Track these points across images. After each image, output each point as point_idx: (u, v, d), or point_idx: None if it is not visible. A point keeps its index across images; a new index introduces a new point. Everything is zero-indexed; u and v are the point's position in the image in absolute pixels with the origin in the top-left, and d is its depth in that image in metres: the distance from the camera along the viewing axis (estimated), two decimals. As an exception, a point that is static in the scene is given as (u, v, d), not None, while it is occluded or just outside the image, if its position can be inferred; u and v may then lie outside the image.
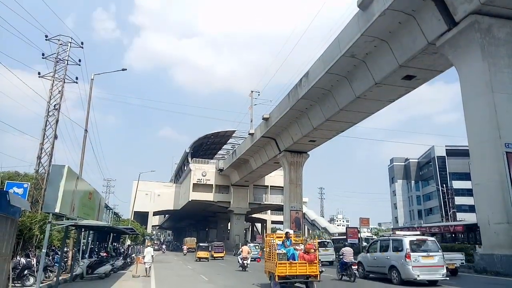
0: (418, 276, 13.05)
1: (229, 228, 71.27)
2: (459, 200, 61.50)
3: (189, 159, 64.87)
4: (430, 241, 14.79)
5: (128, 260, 25.36)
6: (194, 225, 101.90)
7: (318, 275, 11.54)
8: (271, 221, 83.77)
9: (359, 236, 36.68)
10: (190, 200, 60.84)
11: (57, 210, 11.06)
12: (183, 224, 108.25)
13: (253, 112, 48.37)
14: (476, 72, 18.24)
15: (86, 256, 18.25)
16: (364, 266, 16.21)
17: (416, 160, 79.50)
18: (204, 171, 62.90)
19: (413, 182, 78.92)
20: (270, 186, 66.07)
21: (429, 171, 74.02)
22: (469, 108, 18.79)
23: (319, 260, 12.24)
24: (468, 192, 56.84)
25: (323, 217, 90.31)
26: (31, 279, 11.85)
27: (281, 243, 12.49)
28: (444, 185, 61.72)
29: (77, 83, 22.32)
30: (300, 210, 42.31)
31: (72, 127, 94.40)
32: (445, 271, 13.53)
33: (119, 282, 14.77)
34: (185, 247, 51.39)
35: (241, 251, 20.97)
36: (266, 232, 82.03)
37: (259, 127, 42.89)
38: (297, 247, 12.18)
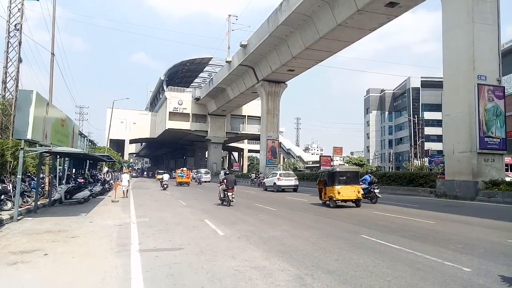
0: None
1: (206, 156, 72.57)
2: (428, 131, 64.10)
3: (165, 87, 63.26)
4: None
5: (107, 186, 25.72)
6: (172, 153, 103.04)
7: (189, 182, 37.73)
8: (248, 149, 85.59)
9: (331, 164, 38.24)
10: (166, 128, 60.65)
11: (28, 136, 10.76)
12: (160, 152, 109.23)
13: (230, 38, 46.50)
14: (459, 0, 17.83)
15: (64, 182, 18.34)
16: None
17: (392, 91, 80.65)
18: (180, 99, 61.89)
19: (386, 113, 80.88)
20: (247, 116, 66.26)
21: (403, 102, 75.66)
22: (448, 38, 18.68)
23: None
24: (437, 123, 59.17)
25: (298, 146, 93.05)
26: (9, 204, 11.90)
27: (180, 171, 37.24)
28: (416, 116, 63.69)
29: (38, 0, 20.34)
30: (276, 140, 43.15)
31: (37, 50, 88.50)
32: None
33: (98, 206, 15.11)
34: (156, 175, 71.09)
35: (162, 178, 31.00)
36: (243, 161, 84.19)
37: (237, 54, 41.59)
38: (185, 173, 37.02)
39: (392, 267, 5.39)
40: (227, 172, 19.00)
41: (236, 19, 47.20)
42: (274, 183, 26.67)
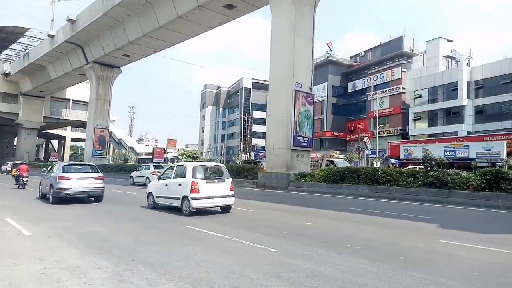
0: None
1: (15, 143, 61.21)
2: (256, 128, 70.74)
3: (-42, 54, 50.24)
4: None
5: None
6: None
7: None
8: (71, 138, 76.33)
9: (165, 156, 37.99)
10: (-41, 107, 48.36)
11: None
12: None
13: (54, 8, 40.48)
14: (285, 14, 20.30)
15: None
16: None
17: (227, 89, 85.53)
18: (-18, 72, 50.31)
19: (221, 109, 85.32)
20: (73, 100, 59.12)
21: (236, 100, 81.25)
22: (275, 46, 21.01)
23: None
24: (263, 122, 65.85)
25: (132, 136, 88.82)
26: None
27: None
28: (246, 114, 69.43)
29: None
30: (106, 128, 40.07)
31: None
32: None
33: None
34: None
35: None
36: (64, 150, 74.72)
37: (63, 29, 36.60)
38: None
39: (210, 254, 5.72)
40: None
41: (64, -12, 41.41)
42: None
